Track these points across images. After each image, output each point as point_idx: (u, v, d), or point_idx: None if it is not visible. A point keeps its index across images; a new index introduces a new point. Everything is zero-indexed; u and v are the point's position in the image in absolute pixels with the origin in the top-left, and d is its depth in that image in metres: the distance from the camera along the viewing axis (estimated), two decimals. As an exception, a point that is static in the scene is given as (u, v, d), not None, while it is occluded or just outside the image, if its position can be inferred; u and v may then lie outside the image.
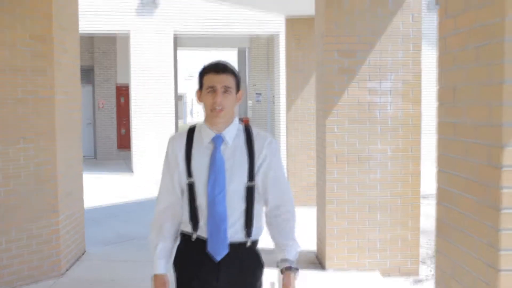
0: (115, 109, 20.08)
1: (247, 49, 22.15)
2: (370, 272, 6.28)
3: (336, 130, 6.22)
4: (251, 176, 2.70)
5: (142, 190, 12.68)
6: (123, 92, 19.85)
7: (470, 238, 2.47)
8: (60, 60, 6.11)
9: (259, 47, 20.78)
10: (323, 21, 6.27)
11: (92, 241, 7.57)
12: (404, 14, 6.22)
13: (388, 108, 6.26)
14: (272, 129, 19.31)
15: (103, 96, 19.91)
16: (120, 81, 19.83)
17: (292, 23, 10.41)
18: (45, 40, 5.82)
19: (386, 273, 6.30)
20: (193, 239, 2.72)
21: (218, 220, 2.65)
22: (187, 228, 2.75)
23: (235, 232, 2.70)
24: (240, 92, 2.75)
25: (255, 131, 2.79)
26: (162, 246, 2.75)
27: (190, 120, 55.99)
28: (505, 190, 2.19)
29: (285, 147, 10.94)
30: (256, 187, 2.72)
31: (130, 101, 16.24)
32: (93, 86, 20.00)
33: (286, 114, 10.75)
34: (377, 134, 6.24)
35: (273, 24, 15.54)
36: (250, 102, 21.55)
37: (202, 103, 2.71)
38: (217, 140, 2.70)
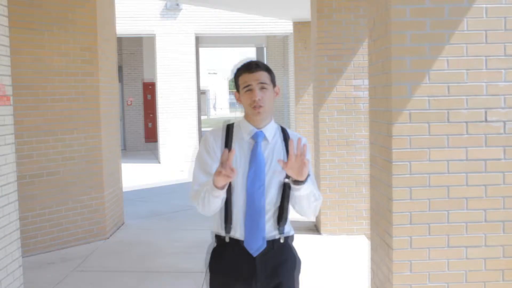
0: (142, 105, 21.66)
1: (264, 48, 23.54)
2: (357, 236, 7.65)
3: (327, 120, 7.60)
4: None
5: (168, 177, 14.19)
6: (149, 89, 21.39)
7: (381, 183, 3.86)
8: (103, 65, 7.61)
9: (275, 46, 22.15)
10: (315, 30, 7.66)
11: (129, 217, 9.06)
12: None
13: (370, 101, 7.62)
14: (288, 121, 20.69)
15: (131, 93, 21.48)
16: (147, 79, 21.40)
17: (299, 27, 11.81)
18: (91, 50, 7.32)
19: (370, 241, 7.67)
20: (227, 240, 2.73)
21: (256, 214, 2.65)
22: (221, 229, 2.75)
23: (269, 230, 2.71)
24: (277, 87, 2.77)
25: (290, 131, 2.83)
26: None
27: (213, 115, 57.27)
28: (394, 150, 3.58)
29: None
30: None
31: (156, 97, 17.73)
32: (122, 84, 21.59)
33: (294, 108, 12.16)
34: (361, 122, 7.59)
35: (287, 25, 16.85)
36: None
37: (241, 104, 2.73)
38: (259, 136, 2.71)
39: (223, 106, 62.47)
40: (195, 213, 9.38)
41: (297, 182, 2.57)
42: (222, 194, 2.57)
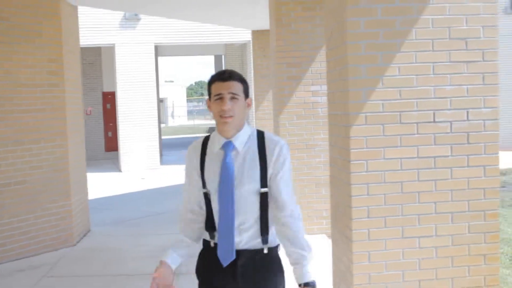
0: (101, 114, 21.66)
1: (223, 56, 23.83)
2: (318, 235, 7.96)
3: (287, 125, 7.90)
4: (264, 181, 2.68)
5: (130, 185, 14.31)
6: (108, 99, 21.42)
7: (341, 182, 4.17)
8: (68, 76, 7.77)
9: (234, 54, 22.47)
10: (274, 39, 7.98)
11: (94, 224, 9.19)
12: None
13: (328, 106, 7.98)
14: (247, 129, 20.98)
15: (90, 103, 21.45)
16: (106, 89, 21.43)
17: (258, 35, 12.12)
18: (57, 62, 7.49)
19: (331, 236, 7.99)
20: (212, 246, 2.76)
21: (226, 225, 2.67)
22: (206, 235, 2.81)
23: (250, 239, 2.71)
24: (249, 99, 2.76)
25: (267, 135, 2.74)
26: (179, 240, 2.84)
27: (172, 123, 57.21)
28: (352, 150, 3.90)
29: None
30: (269, 192, 2.70)
31: (116, 107, 17.80)
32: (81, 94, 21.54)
33: (254, 114, 12.46)
34: (319, 126, 7.92)
35: (245, 33, 17.16)
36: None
37: (212, 111, 2.71)
38: (227, 147, 2.68)
39: (181, 114, 62.42)
40: (159, 219, 9.63)
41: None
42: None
